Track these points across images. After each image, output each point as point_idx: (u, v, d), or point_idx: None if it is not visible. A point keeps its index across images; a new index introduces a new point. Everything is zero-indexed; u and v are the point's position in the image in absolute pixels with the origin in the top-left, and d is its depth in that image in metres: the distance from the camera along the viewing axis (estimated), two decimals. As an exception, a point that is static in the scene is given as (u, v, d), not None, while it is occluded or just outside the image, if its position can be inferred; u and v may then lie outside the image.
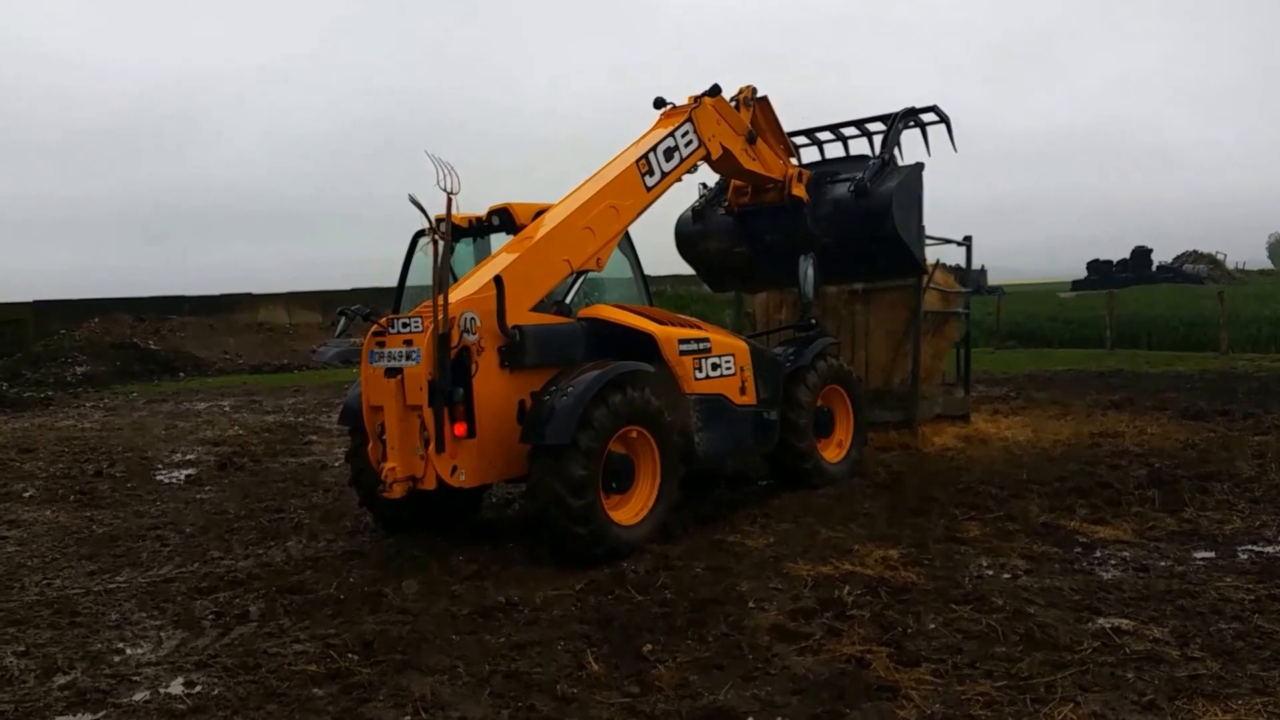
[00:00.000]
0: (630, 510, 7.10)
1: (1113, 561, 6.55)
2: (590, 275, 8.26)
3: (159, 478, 10.69)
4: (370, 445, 7.09)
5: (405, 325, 6.89)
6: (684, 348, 7.85)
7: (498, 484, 8.14)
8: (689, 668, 4.85)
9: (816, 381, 9.08)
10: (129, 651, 5.33)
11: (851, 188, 10.19)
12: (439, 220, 6.72)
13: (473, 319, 6.75)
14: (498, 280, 6.92)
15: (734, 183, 10.60)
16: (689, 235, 11.41)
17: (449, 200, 6.62)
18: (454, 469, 6.68)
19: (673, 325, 8.01)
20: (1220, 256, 63.87)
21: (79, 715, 4.50)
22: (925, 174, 10.54)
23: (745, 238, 10.86)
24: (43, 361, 22.07)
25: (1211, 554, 6.66)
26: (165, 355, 25.01)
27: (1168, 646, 4.97)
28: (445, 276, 6.56)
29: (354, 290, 33.22)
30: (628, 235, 8.66)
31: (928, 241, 11.61)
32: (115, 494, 9.78)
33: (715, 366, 8.09)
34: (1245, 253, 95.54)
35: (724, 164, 9.58)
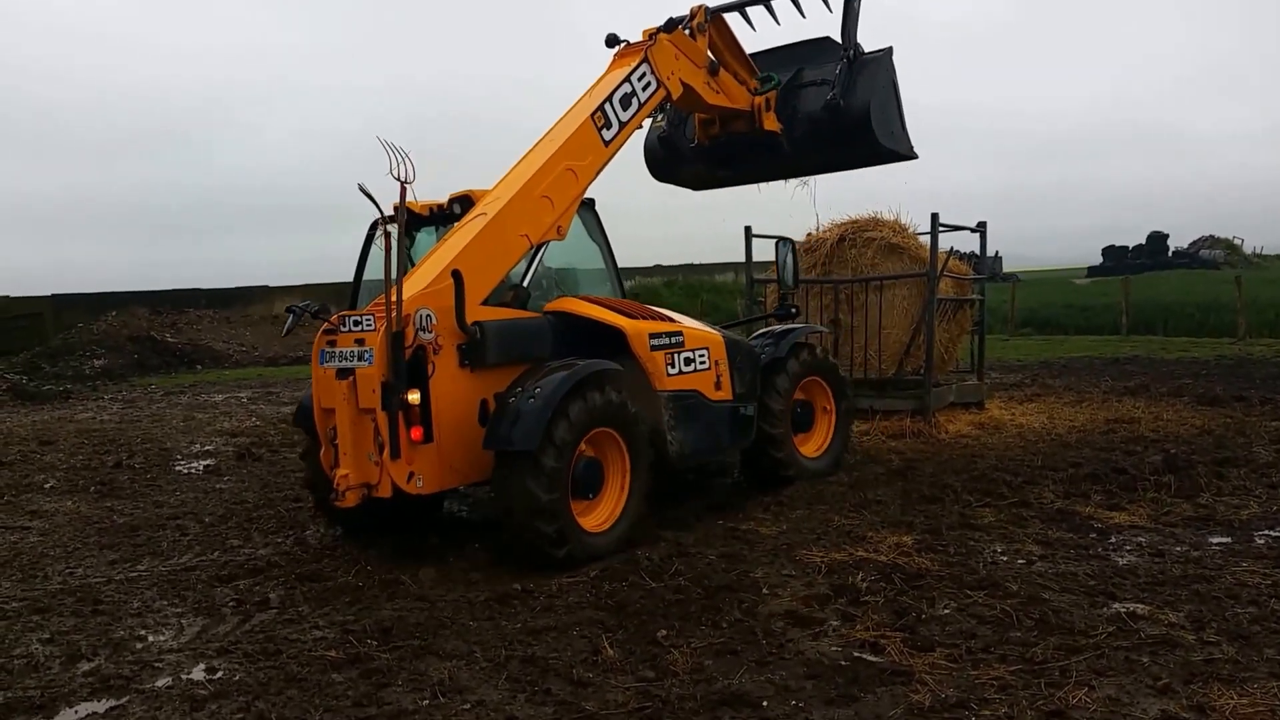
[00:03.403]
0: (599, 515, 6.74)
1: (1128, 547, 6.56)
2: (560, 267, 7.93)
3: (178, 468, 10.76)
4: (322, 450, 6.65)
5: (357, 323, 6.42)
6: (655, 342, 7.41)
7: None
8: (703, 653, 4.88)
9: (794, 374, 8.65)
10: (151, 639, 5.39)
11: (823, 106, 9.44)
12: (396, 208, 6.33)
13: (428, 316, 6.29)
14: (455, 275, 6.39)
15: (699, 116, 9.84)
16: (661, 163, 10.62)
17: (403, 190, 6.17)
18: (411, 475, 6.25)
19: (644, 319, 7.56)
20: (1237, 241, 63.45)
21: (103, 701, 4.55)
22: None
23: (723, 162, 10.19)
24: (61, 355, 22.21)
25: (1228, 539, 6.66)
26: (182, 348, 25.14)
27: (1183, 631, 4.98)
28: (400, 271, 6.14)
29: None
30: (599, 221, 8.17)
31: (941, 229, 11.64)
32: (135, 484, 9.86)
33: (689, 361, 7.65)
34: (1263, 237, 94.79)
35: (686, 101, 8.94)
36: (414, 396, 6.18)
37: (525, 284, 7.21)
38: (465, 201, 7.54)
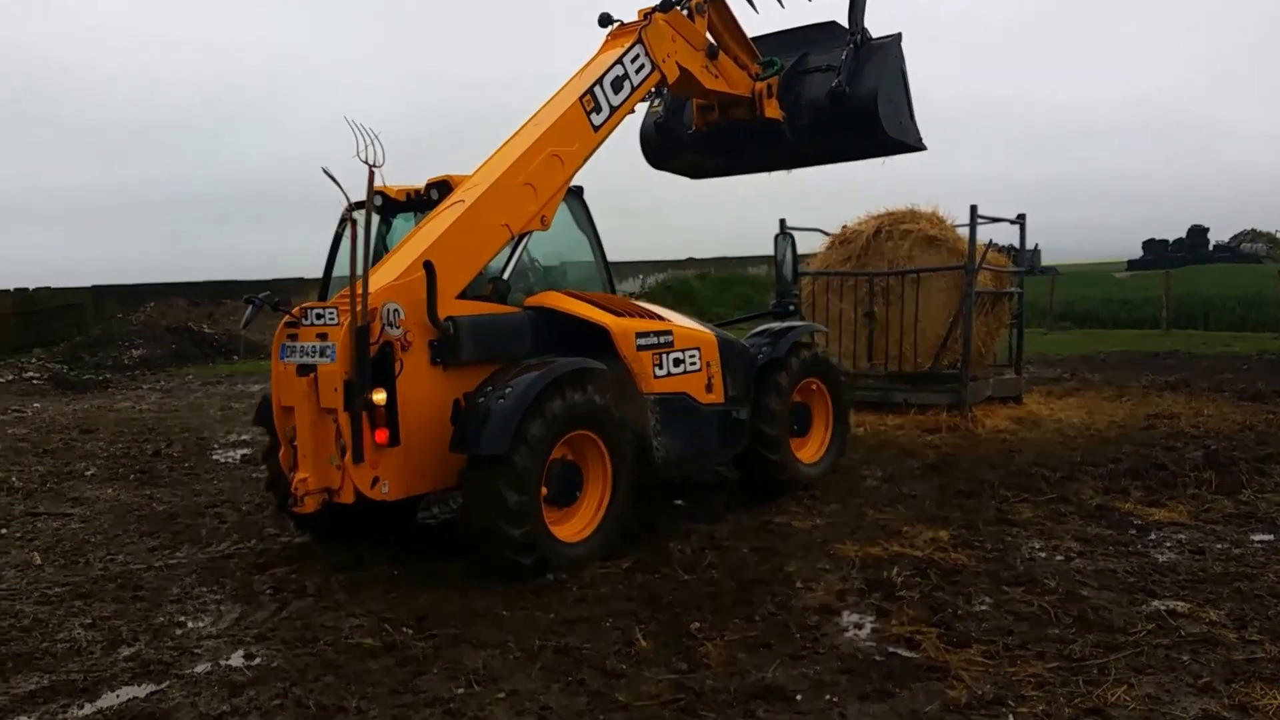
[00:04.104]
0: (576, 524, 6.35)
1: (1168, 544, 6.49)
2: (547, 260, 7.58)
3: (215, 457, 10.87)
4: (281, 451, 6.28)
5: (319, 317, 6.05)
6: (642, 342, 6.96)
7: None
8: (737, 646, 4.88)
9: (792, 375, 8.12)
10: (190, 625, 5.45)
11: (827, 94, 9.04)
12: (372, 194, 6.01)
13: (396, 310, 5.88)
14: (427, 265, 6.01)
15: (697, 101, 9.36)
16: (657, 150, 10.13)
17: (370, 174, 5.77)
18: (375, 480, 5.87)
19: (630, 316, 7.11)
20: (1280, 235, 62.56)
21: (144, 685, 4.61)
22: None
23: (722, 151, 9.74)
24: (101, 345, 22.42)
25: (1269, 537, 6.58)
26: (220, 339, 25.31)
27: (1224, 629, 4.93)
28: (366, 262, 5.76)
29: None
30: (588, 211, 7.71)
31: (981, 221, 11.54)
32: (174, 473, 9.96)
33: (678, 362, 7.19)
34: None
35: (683, 86, 8.47)
36: (379, 396, 5.80)
37: (505, 277, 6.78)
38: (443, 187, 7.08)
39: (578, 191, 7.59)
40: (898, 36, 9.28)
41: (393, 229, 7.58)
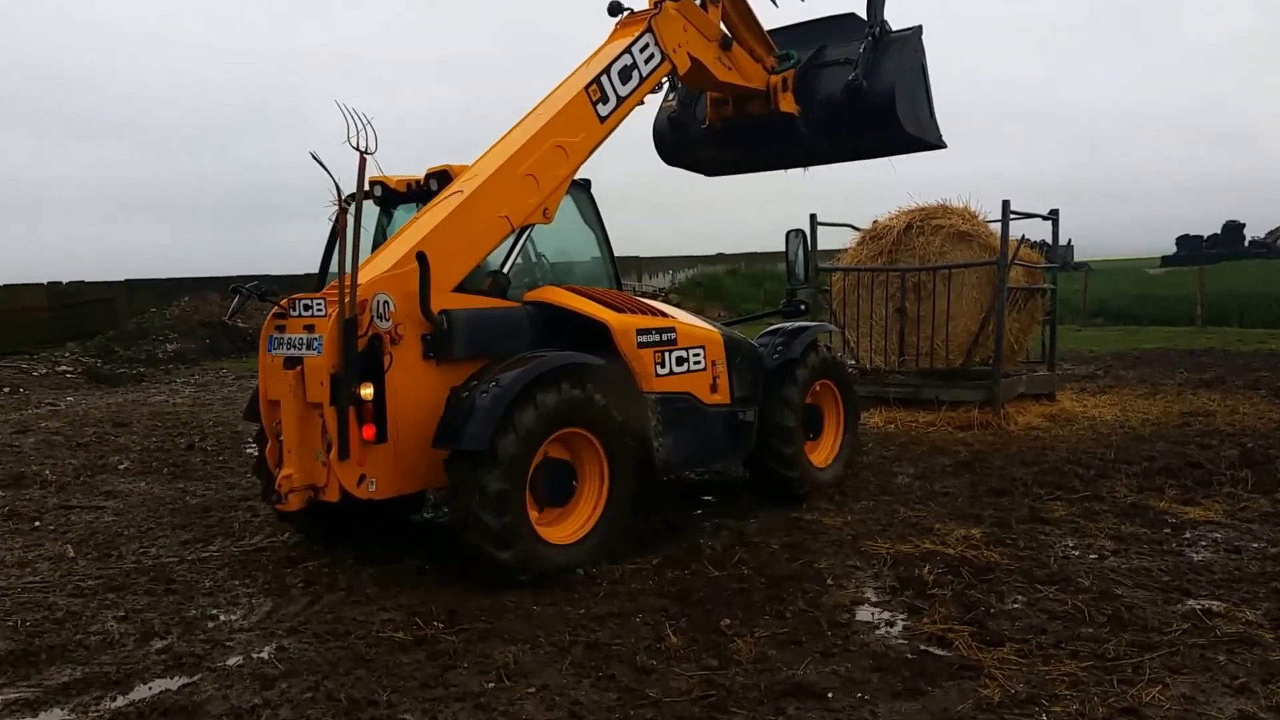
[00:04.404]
0: (569, 527, 6.11)
1: (1203, 543, 6.42)
2: (553, 260, 7.39)
3: (249, 451, 10.93)
4: (269, 446, 6.13)
5: (307, 308, 5.91)
6: (643, 339, 6.69)
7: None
8: (767, 643, 4.86)
9: (807, 377, 7.85)
10: (222, 617, 5.48)
11: (844, 88, 8.82)
12: (363, 182, 5.71)
13: (386, 302, 5.73)
14: (420, 257, 5.80)
15: (711, 95, 9.20)
16: (670, 146, 9.94)
17: (362, 161, 5.54)
18: (362, 478, 5.68)
19: (632, 312, 6.85)
20: (1317, 232, 61.82)
21: (176, 678, 4.64)
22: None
23: (736, 147, 9.52)
24: (135, 339, 22.62)
25: (1307, 536, 6.50)
26: (254, 333, 25.50)
27: (1261, 629, 4.87)
28: (355, 252, 5.59)
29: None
30: (594, 205, 7.51)
31: (1013, 216, 11.45)
32: (207, 466, 10.04)
33: (681, 361, 6.95)
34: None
35: (694, 77, 8.22)
36: (367, 391, 5.63)
37: (505, 270, 6.63)
38: (443, 177, 6.91)
39: (585, 185, 7.47)
40: (918, 29, 9.06)
41: (394, 220, 7.46)
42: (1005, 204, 11.37)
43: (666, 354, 6.85)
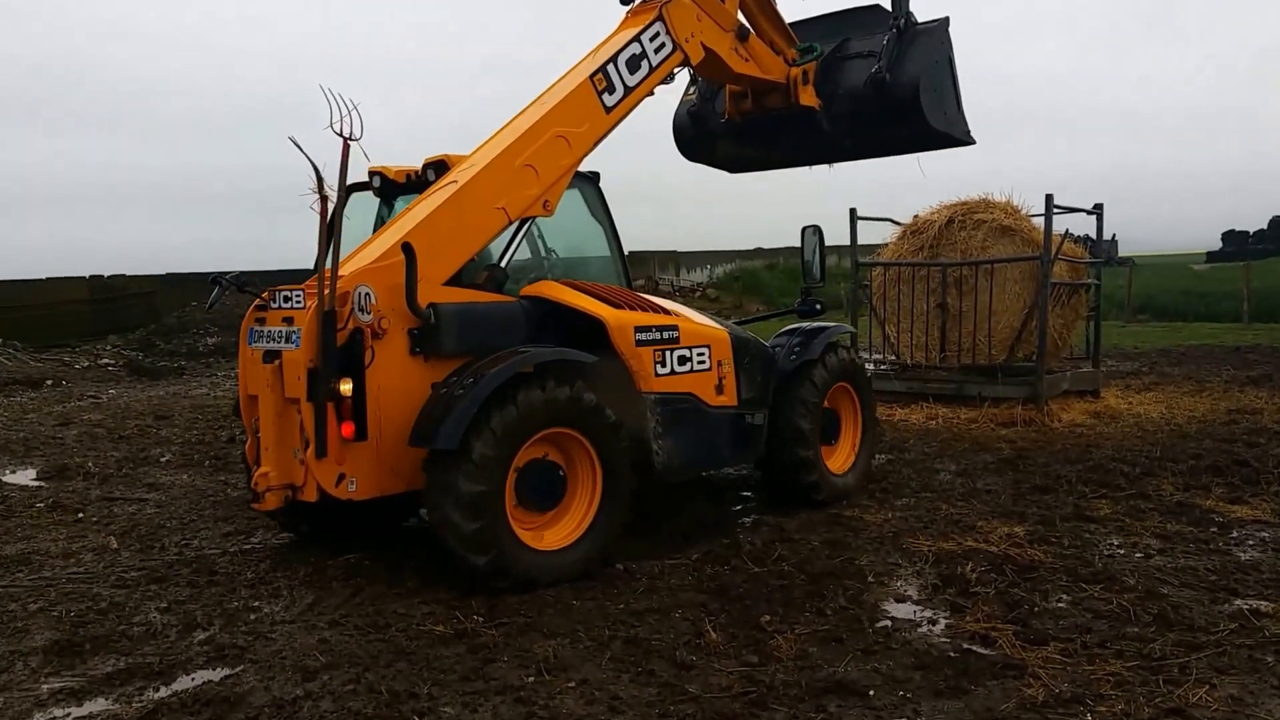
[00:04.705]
0: (560, 532, 5.85)
1: (1250, 542, 6.33)
2: (560, 255, 7.19)
3: (289, 444, 11.01)
4: (248, 443, 5.97)
5: (287, 299, 5.74)
6: (642, 337, 6.37)
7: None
8: (808, 640, 4.83)
9: (825, 380, 7.49)
10: (264, 609, 5.51)
11: (867, 81, 8.49)
12: (346, 169, 5.50)
13: (367, 295, 5.52)
14: (406, 248, 5.60)
15: (730, 88, 8.87)
16: (690, 141, 9.64)
17: (345, 147, 5.36)
18: (341, 477, 5.50)
19: (632, 309, 6.52)
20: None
21: (218, 669, 4.66)
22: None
23: (756, 142, 9.21)
24: (175, 332, 22.80)
25: (1359, 536, 6.38)
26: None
27: (1311, 630, 4.78)
28: (336, 244, 5.41)
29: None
30: (602, 198, 7.26)
31: (1056, 210, 11.33)
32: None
33: (683, 360, 6.62)
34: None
35: (709, 69, 7.93)
36: (346, 387, 5.44)
37: (503, 264, 6.44)
38: (440, 167, 6.69)
39: (594, 178, 7.28)
40: (945, 20, 8.77)
41: (394, 211, 7.19)
42: (1048, 198, 11.27)
43: (667, 353, 6.53)
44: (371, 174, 6.87)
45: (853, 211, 12.75)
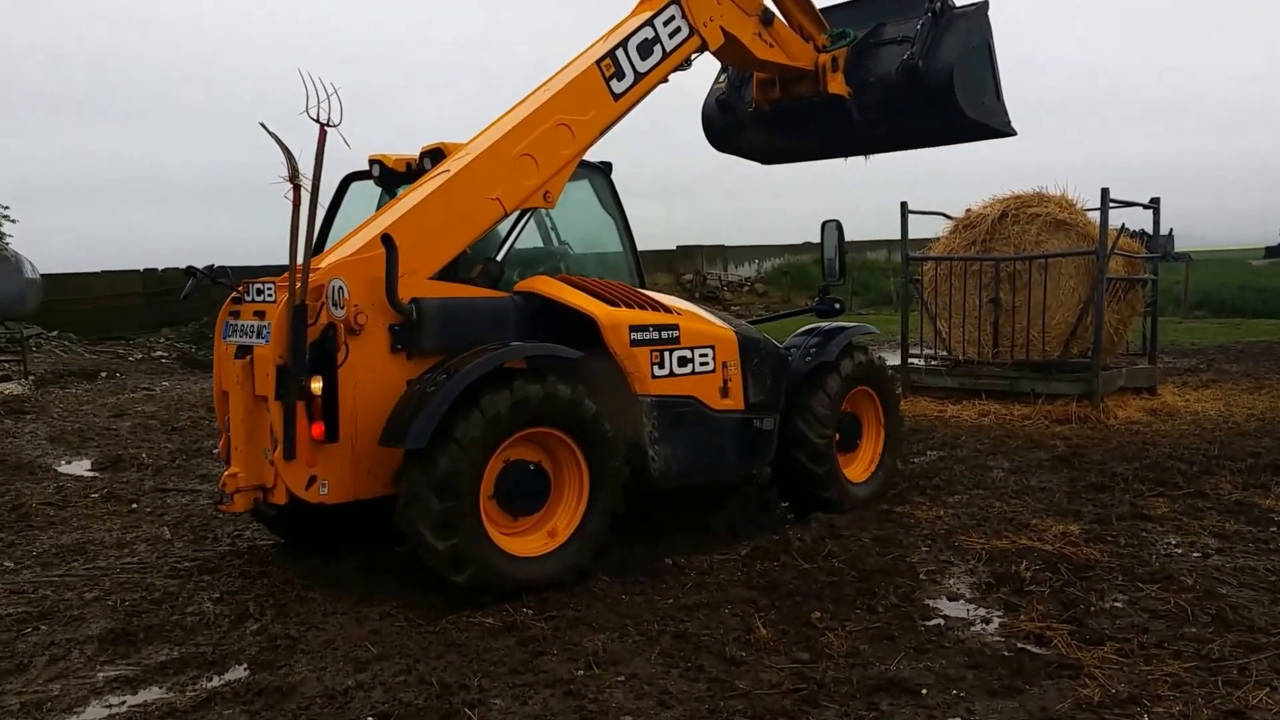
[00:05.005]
0: (540, 537, 5.57)
1: (1313, 542, 6.19)
2: (565, 249, 6.91)
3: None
4: (222, 440, 5.78)
5: (260, 292, 5.51)
6: (637, 336, 6.04)
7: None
8: (859, 637, 4.78)
9: (843, 383, 7.10)
10: (316, 600, 5.54)
11: (898, 69, 8.02)
12: (322, 156, 5.14)
13: (340, 289, 5.23)
14: (386, 240, 5.31)
15: (758, 75, 8.46)
16: (719, 130, 9.21)
17: (322, 133, 5.05)
18: (312, 480, 5.24)
19: (629, 306, 6.18)
20: None
21: (270, 659, 4.70)
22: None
23: (785, 131, 8.78)
24: (226, 325, 23.13)
25: None
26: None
27: (1375, 633, 4.67)
28: (310, 235, 5.13)
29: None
30: (613, 190, 6.97)
31: (1112, 204, 11.16)
32: (300, 451, 10.19)
33: (684, 361, 6.28)
34: None
35: (730, 55, 7.55)
36: (317, 385, 5.20)
37: (499, 258, 6.14)
38: (437, 155, 6.43)
39: (605, 168, 6.99)
40: (984, 4, 8.33)
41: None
42: (1104, 192, 11.11)
43: (666, 353, 6.19)
44: (371, 162, 6.69)
45: (903, 205, 12.64)
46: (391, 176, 6.74)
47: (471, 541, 5.17)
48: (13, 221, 26.11)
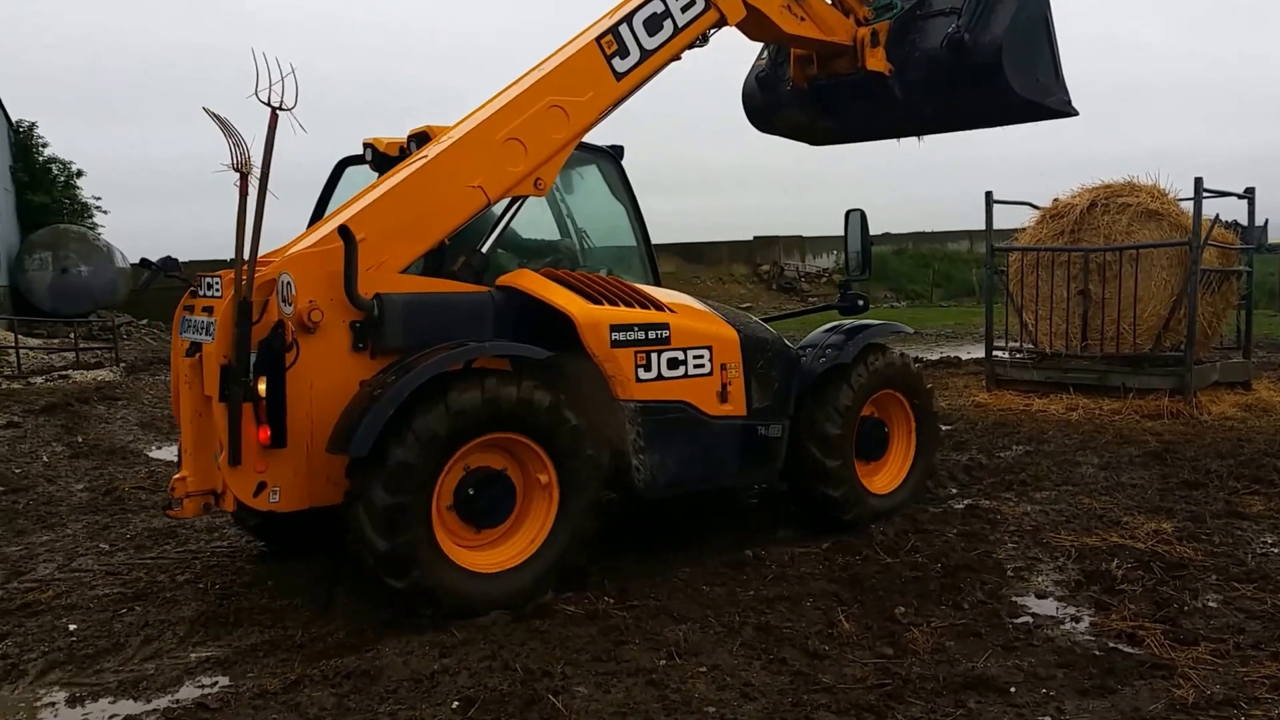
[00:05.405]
0: (508, 551, 5.17)
1: None
2: (570, 242, 6.55)
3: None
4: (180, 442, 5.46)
5: (210, 287, 5.20)
6: (619, 336, 5.53)
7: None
8: (944, 633, 4.72)
9: (862, 386, 6.51)
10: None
11: (943, 43, 7.31)
12: (272, 141, 4.81)
13: (289, 284, 4.88)
14: (343, 231, 4.94)
15: (794, 51, 7.78)
16: (760, 110, 8.48)
17: (273, 117, 4.72)
18: (261, 486, 4.88)
19: (612, 302, 5.67)
20: None
21: (358, 643, 4.78)
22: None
23: (826, 111, 8.07)
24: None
25: None
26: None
27: None
28: (258, 224, 4.82)
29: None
30: (624, 177, 6.53)
31: (1206, 194, 10.86)
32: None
33: (675, 363, 5.77)
34: None
35: (755, 29, 6.87)
36: (263, 386, 4.86)
37: (484, 250, 5.70)
38: (423, 139, 6.02)
39: (615, 153, 6.57)
40: None
41: None
42: (1198, 181, 10.82)
43: (654, 354, 5.69)
44: (365, 146, 6.34)
45: (988, 195, 12.43)
46: (384, 161, 6.29)
47: (416, 546, 4.79)
48: (104, 213, 26.95)
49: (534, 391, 5.11)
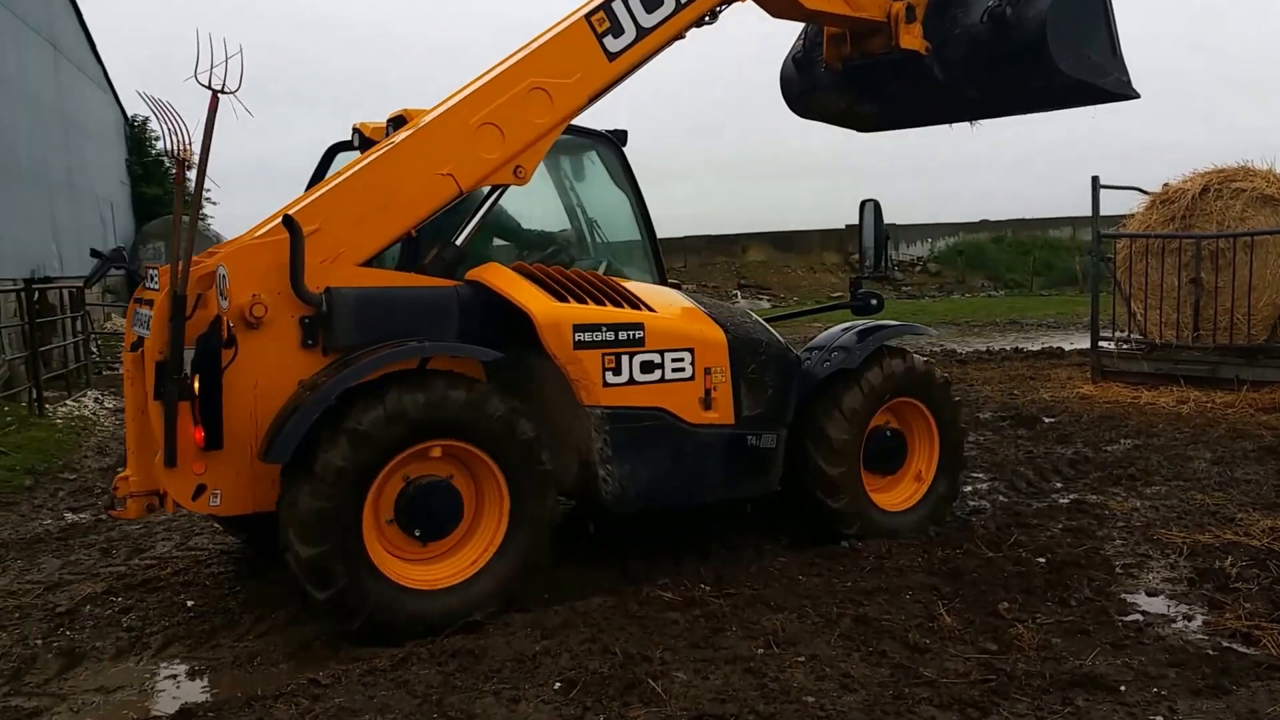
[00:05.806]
0: (453, 566, 4.88)
1: None
2: (569, 233, 6.27)
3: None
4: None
5: (152, 279, 4.95)
6: (584, 337, 5.15)
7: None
8: (1050, 630, 4.61)
9: (870, 394, 5.98)
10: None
11: (984, 17, 6.69)
12: (211, 126, 4.54)
13: (224, 277, 4.61)
14: (288, 221, 4.68)
15: (827, 30, 7.21)
16: (797, 94, 7.84)
17: (214, 101, 4.45)
18: (200, 489, 4.63)
19: (583, 301, 5.29)
20: None
21: (463, 625, 4.80)
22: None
23: (865, 95, 7.46)
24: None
25: None
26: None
27: None
28: (194, 212, 4.66)
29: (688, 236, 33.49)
30: (625, 164, 6.16)
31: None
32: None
33: (650, 366, 5.36)
34: None
35: (771, 3, 6.32)
36: (197, 385, 4.58)
37: (459, 242, 5.38)
38: (400, 124, 5.65)
39: (616, 139, 6.21)
40: None
41: None
42: (1318, 165, 10.41)
43: (625, 357, 5.28)
44: (354, 131, 6.05)
45: (1095, 180, 12.13)
46: (370, 146, 5.79)
47: (341, 556, 4.52)
48: (214, 204, 27.78)
49: (485, 398, 4.84)
